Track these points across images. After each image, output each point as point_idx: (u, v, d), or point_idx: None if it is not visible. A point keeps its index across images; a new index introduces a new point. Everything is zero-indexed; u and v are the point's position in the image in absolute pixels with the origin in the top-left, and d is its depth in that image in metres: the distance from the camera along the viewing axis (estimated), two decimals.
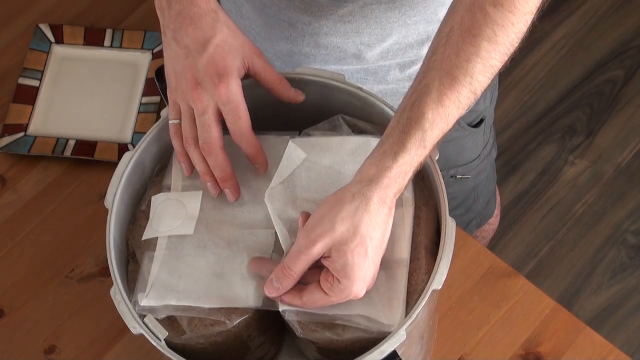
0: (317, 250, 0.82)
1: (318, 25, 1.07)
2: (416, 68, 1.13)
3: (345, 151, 0.93)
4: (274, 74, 0.93)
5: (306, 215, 0.86)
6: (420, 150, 0.84)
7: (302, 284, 0.85)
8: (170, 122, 0.93)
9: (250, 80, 0.94)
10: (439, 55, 0.85)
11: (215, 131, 0.89)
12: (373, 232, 0.83)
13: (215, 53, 0.88)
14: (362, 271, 0.83)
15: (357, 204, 0.82)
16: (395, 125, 0.84)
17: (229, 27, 0.90)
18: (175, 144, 0.93)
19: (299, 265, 0.83)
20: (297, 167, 0.93)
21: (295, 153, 0.93)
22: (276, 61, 1.16)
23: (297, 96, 0.94)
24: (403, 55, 1.12)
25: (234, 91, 0.88)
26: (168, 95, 0.93)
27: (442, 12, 1.06)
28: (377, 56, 1.11)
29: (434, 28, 1.08)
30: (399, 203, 0.90)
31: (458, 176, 1.30)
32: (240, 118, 0.89)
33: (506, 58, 0.86)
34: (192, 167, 0.93)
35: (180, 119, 0.92)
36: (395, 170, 0.83)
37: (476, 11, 0.83)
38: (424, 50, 1.11)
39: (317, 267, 0.85)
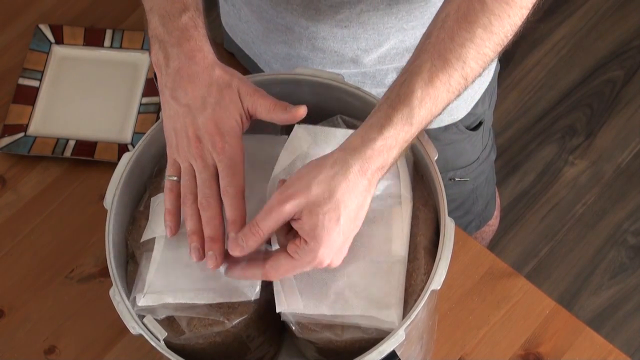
0: (289, 208, 0.81)
1: (315, 30, 1.07)
2: None
3: None
4: (267, 103, 0.89)
5: (283, 182, 0.86)
6: (407, 127, 0.83)
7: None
8: (167, 178, 0.91)
9: (254, 80, 0.94)
10: (433, 39, 0.85)
11: (215, 189, 0.87)
12: (349, 200, 0.82)
13: (214, 112, 0.87)
14: (331, 236, 0.82)
15: (337, 169, 0.82)
16: (383, 101, 0.84)
17: (223, 78, 0.89)
18: (168, 200, 0.90)
19: (268, 223, 0.82)
20: (299, 155, 0.92)
21: (300, 138, 0.93)
22: (274, 63, 1.16)
23: (294, 115, 0.90)
24: (400, 59, 1.12)
25: (232, 151, 0.87)
26: (168, 153, 0.91)
27: None
28: (375, 61, 1.11)
29: None
30: (397, 202, 0.90)
31: (456, 179, 1.30)
32: (234, 177, 0.87)
33: (500, 49, 0.86)
34: (176, 228, 0.90)
35: (177, 177, 0.90)
36: (380, 143, 0.82)
37: (474, 0, 0.84)
38: None
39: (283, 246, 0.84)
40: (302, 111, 0.89)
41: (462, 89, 0.86)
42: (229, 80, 0.89)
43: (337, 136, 0.93)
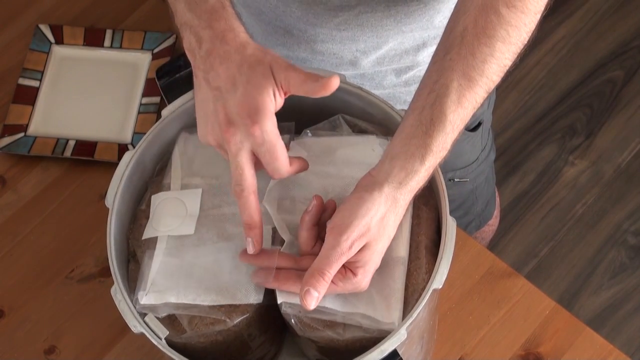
0: (354, 250, 0.83)
1: (314, 33, 1.07)
2: (412, 73, 1.14)
3: (345, 151, 0.93)
4: (299, 75, 0.84)
5: (320, 200, 0.86)
6: (443, 152, 0.85)
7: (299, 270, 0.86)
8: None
9: None
10: (454, 55, 0.84)
11: (248, 173, 0.85)
12: (393, 231, 0.85)
13: (246, 91, 0.83)
14: (375, 265, 0.85)
15: (388, 207, 0.84)
16: (417, 124, 0.84)
17: (256, 55, 0.84)
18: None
19: (337, 267, 0.83)
20: None
21: (295, 152, 0.93)
22: None
23: (325, 85, 0.83)
24: (399, 61, 1.12)
25: (268, 131, 0.83)
26: (199, 138, 0.88)
27: (437, 19, 1.07)
28: (373, 62, 1.11)
29: (429, 34, 1.08)
30: None
31: (456, 179, 1.30)
32: (277, 159, 0.84)
33: (516, 56, 0.87)
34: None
35: None
36: (423, 174, 0.84)
37: (490, 12, 0.84)
38: (420, 56, 1.11)
39: (313, 254, 0.85)
40: (334, 81, 0.83)
41: (483, 100, 0.87)
42: (262, 56, 0.84)
43: (331, 146, 0.93)
